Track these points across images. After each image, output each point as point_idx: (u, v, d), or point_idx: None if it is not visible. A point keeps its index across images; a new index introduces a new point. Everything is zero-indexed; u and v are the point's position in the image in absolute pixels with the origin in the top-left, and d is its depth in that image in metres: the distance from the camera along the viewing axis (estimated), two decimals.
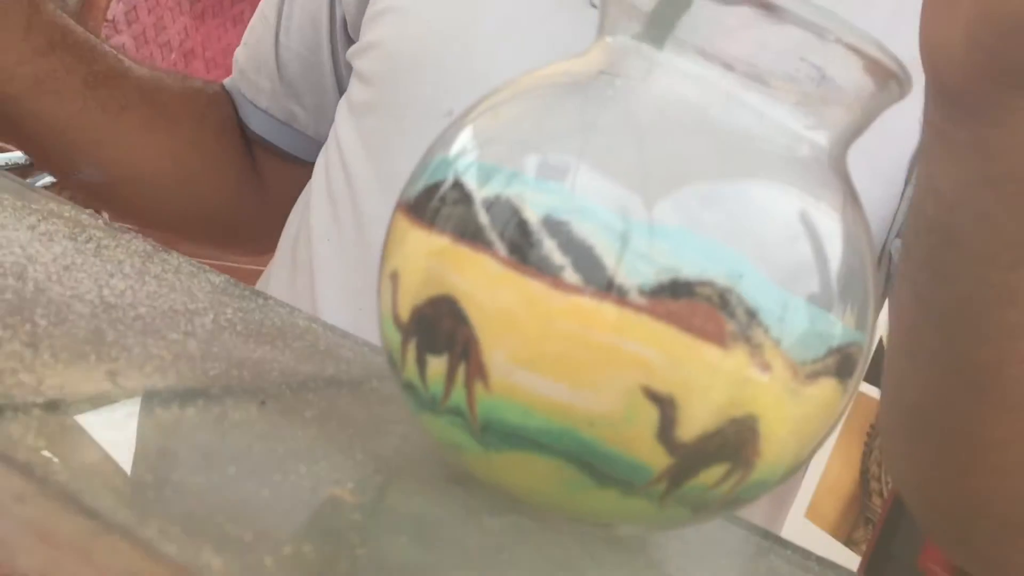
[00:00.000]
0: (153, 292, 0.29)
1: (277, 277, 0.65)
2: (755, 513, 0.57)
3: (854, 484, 2.84)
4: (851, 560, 2.81)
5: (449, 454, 0.22)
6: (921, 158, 0.35)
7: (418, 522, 0.20)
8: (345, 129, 0.61)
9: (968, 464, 0.44)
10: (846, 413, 0.23)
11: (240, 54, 0.71)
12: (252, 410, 0.22)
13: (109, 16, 4.11)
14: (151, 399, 0.20)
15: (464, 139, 0.22)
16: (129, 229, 0.37)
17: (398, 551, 0.18)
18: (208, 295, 0.32)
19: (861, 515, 2.70)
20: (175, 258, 0.35)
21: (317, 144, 0.67)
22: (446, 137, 0.23)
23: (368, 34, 0.61)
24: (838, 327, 0.21)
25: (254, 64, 0.69)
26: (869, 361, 0.23)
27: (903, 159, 0.53)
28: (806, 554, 0.28)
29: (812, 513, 2.96)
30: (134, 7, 4.19)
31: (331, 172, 0.61)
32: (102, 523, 0.14)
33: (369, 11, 0.62)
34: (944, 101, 0.32)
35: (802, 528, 3.01)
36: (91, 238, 0.33)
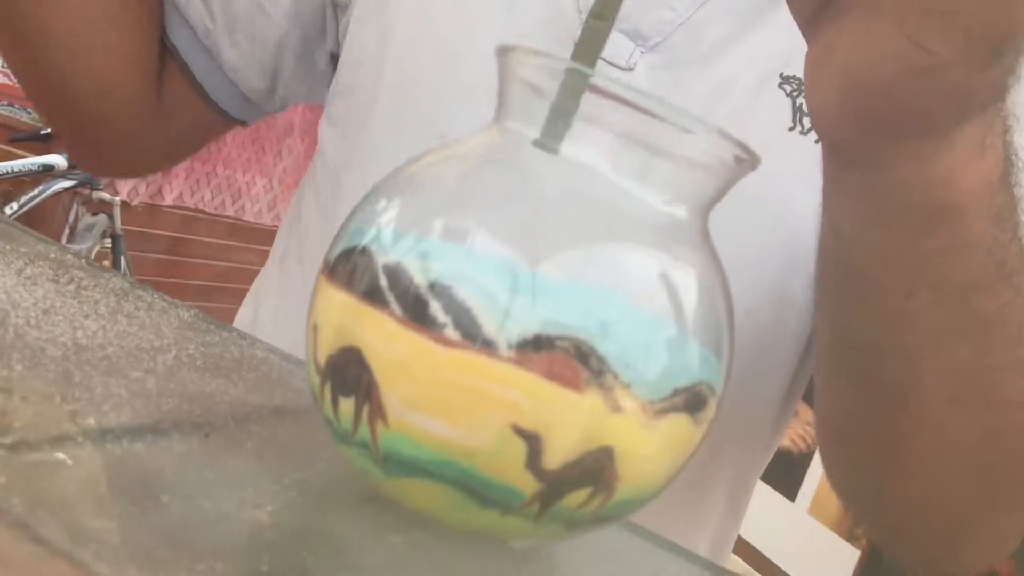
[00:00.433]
0: (123, 331, 0.33)
1: (267, 293, 0.68)
2: (700, 545, 0.61)
3: None
4: (852, 553, 2.83)
5: (362, 478, 0.26)
6: (823, 201, 0.39)
7: (328, 539, 0.24)
8: (331, 144, 0.62)
9: (890, 473, 0.48)
10: (707, 438, 0.26)
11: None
12: (195, 442, 0.26)
13: None
14: (103, 436, 0.24)
15: (375, 209, 0.26)
16: (107, 269, 0.41)
17: (304, 566, 0.22)
18: (175, 331, 0.36)
19: None
20: (149, 295, 0.39)
21: (238, 93, 0.65)
22: (362, 205, 0.27)
23: (352, 45, 0.61)
24: (689, 369, 0.25)
25: None
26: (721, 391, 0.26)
27: None
28: (695, 559, 0.31)
29: (815, 510, 2.99)
30: None
31: (320, 184, 0.63)
32: (48, 549, 0.18)
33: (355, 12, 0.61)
34: (833, 152, 0.36)
35: (805, 523, 3.03)
36: (72, 279, 0.37)
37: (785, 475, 2.95)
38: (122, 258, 3.38)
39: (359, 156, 0.59)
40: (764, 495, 2.88)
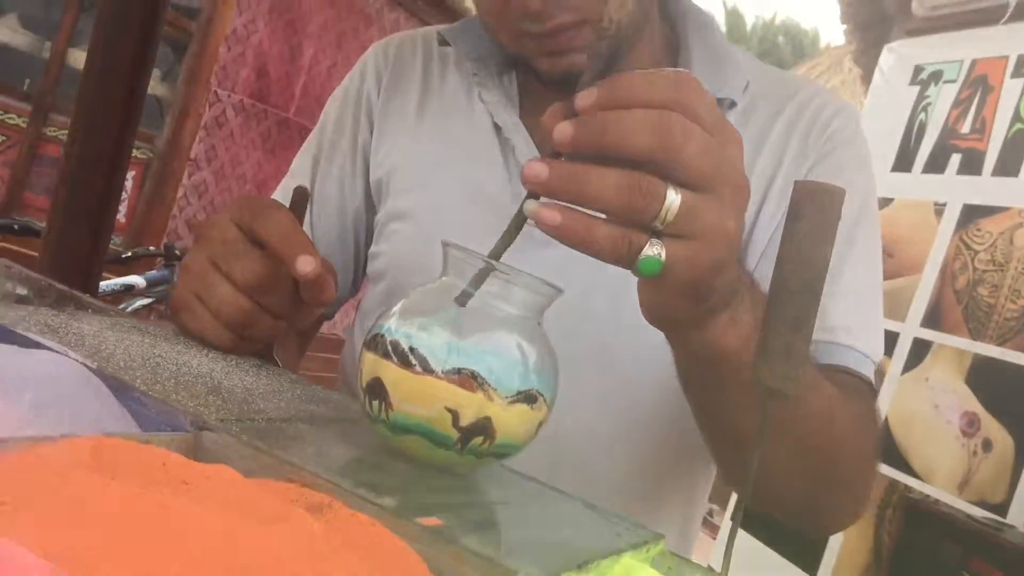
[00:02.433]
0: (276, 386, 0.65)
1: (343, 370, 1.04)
2: (670, 537, 0.90)
3: (869, 552, 3.05)
4: None
5: (382, 438, 0.57)
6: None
7: (375, 465, 0.54)
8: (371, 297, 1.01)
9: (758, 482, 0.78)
10: (546, 422, 0.57)
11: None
12: (317, 428, 0.57)
13: (192, 155, 4.61)
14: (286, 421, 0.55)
15: (386, 315, 0.57)
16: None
17: (362, 476, 0.52)
18: (290, 386, 0.67)
19: None
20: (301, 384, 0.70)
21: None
22: (381, 315, 0.58)
23: (377, 243, 1.01)
24: (526, 382, 0.55)
25: None
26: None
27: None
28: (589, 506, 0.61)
29: None
30: (213, 146, 4.70)
31: (364, 315, 1.00)
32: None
33: (380, 221, 1.02)
34: (659, 327, 0.65)
35: None
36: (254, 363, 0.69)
37: (805, 552, 3.15)
38: None
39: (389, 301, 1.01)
40: (788, 573, 3.07)
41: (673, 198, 0.52)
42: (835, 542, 3.15)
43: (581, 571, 0.48)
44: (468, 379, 0.54)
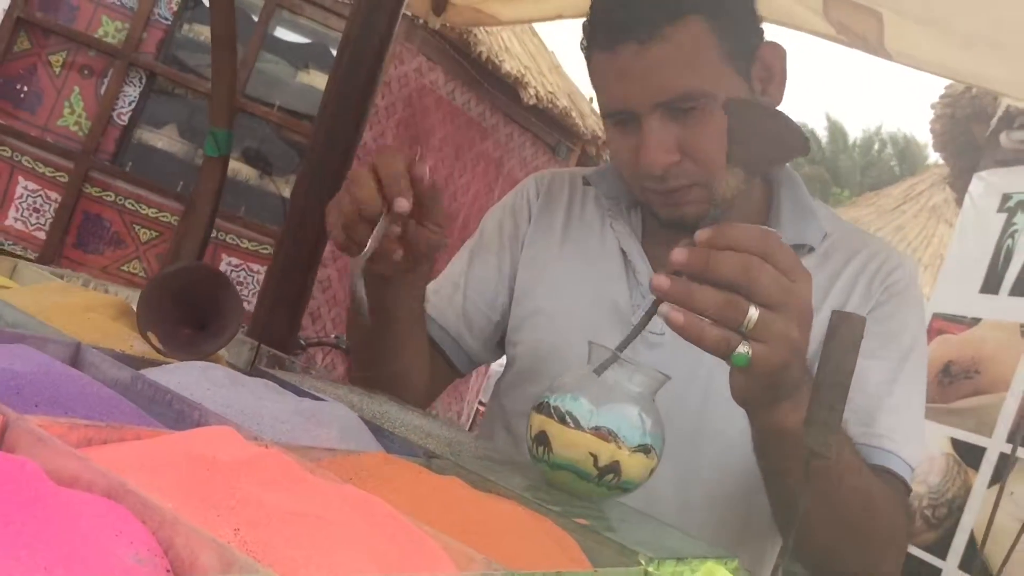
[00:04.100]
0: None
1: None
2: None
3: None
4: None
5: (543, 474, 0.83)
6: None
7: (540, 491, 0.81)
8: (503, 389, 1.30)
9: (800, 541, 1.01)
10: (656, 469, 0.82)
11: (433, 295, 1.28)
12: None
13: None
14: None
15: (549, 389, 0.84)
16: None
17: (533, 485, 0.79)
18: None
19: None
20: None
21: (468, 356, 1.33)
22: (543, 389, 0.85)
23: (518, 333, 1.28)
24: (644, 438, 0.81)
25: (445, 302, 1.32)
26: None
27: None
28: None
29: None
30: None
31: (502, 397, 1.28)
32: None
33: (523, 312, 1.29)
34: (746, 407, 0.91)
35: None
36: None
37: None
38: None
39: (523, 379, 1.26)
40: None
41: (753, 313, 0.78)
42: None
43: (680, 562, 0.73)
44: (605, 434, 0.80)
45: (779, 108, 1.09)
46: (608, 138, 1.16)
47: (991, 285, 3.53)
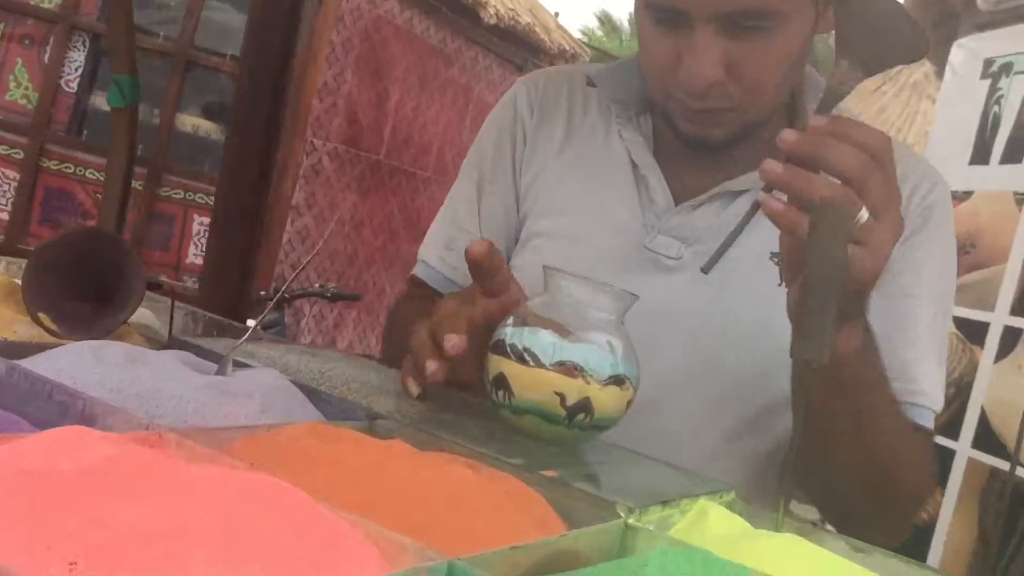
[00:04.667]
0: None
1: None
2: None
3: (975, 540, 3.10)
4: None
5: (506, 420, 0.73)
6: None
7: (490, 433, 0.71)
8: None
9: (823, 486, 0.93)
10: (634, 400, 0.73)
11: (447, 256, 1.16)
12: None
13: (293, 203, 4.90)
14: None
15: (503, 325, 0.74)
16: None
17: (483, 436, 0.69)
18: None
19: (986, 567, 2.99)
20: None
21: None
22: (501, 324, 0.75)
23: (516, 258, 1.13)
24: (616, 368, 0.71)
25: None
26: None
27: None
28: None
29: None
30: (312, 193, 4.98)
31: None
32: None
33: (524, 236, 1.14)
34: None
35: None
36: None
37: (908, 543, 3.19)
38: None
39: None
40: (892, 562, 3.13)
41: (864, 214, 0.72)
42: (940, 530, 3.21)
43: (666, 506, 0.64)
44: (570, 368, 0.70)
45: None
46: (642, 33, 1.00)
47: (980, 156, 3.42)
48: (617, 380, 0.72)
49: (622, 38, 18.27)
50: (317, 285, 4.30)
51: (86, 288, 0.73)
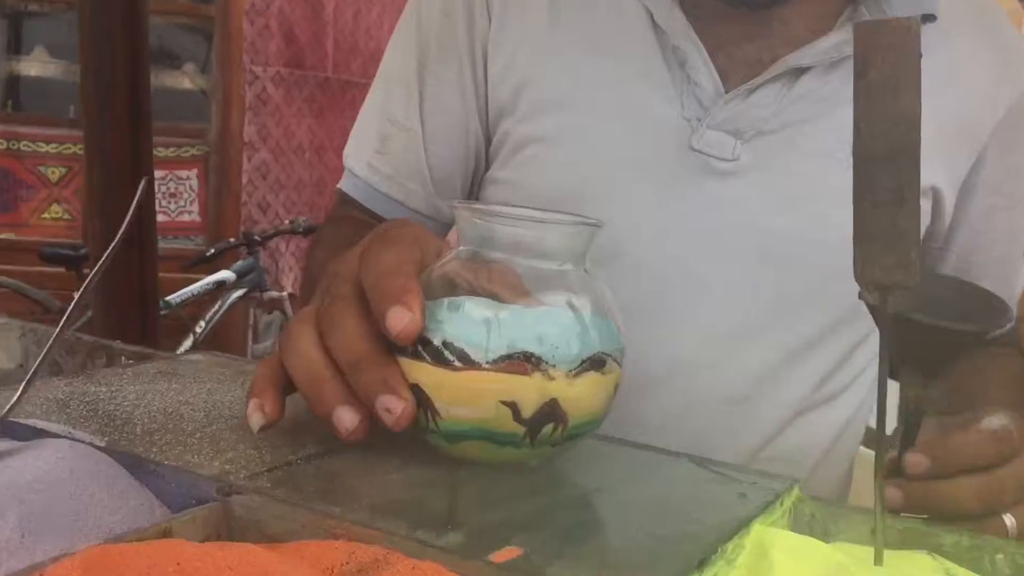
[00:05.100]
0: None
1: None
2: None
3: None
4: None
5: (435, 447, 0.48)
6: None
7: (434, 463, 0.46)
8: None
9: None
10: (620, 382, 0.47)
11: (379, 162, 0.86)
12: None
13: (246, 139, 4.59)
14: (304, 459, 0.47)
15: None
16: None
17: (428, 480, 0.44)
18: None
19: None
20: None
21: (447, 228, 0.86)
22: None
23: (506, 168, 0.82)
24: (588, 345, 0.46)
25: (405, 171, 0.85)
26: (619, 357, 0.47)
27: None
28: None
29: None
30: (264, 125, 4.66)
31: None
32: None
33: (509, 140, 0.81)
34: None
35: None
36: None
37: None
38: None
39: None
40: None
41: (1011, 523, 0.53)
42: None
43: (703, 570, 0.39)
44: (519, 363, 0.45)
45: None
46: None
47: None
48: (594, 362, 0.46)
49: None
50: (287, 222, 4.05)
51: None
